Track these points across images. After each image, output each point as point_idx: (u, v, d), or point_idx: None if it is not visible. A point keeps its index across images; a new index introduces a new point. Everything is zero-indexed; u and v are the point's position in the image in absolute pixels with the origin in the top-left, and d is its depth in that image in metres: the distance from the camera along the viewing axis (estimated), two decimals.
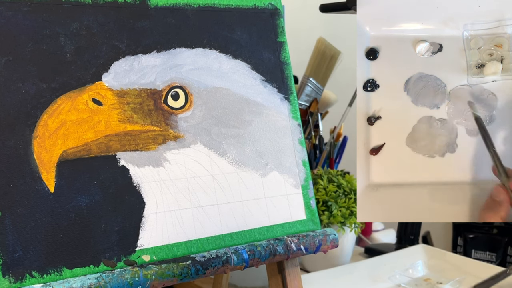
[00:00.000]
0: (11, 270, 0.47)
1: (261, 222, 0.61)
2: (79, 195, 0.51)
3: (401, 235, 1.07)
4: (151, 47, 0.58)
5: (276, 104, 0.65)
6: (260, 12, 0.66)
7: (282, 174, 0.64)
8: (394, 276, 0.83)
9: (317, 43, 1.04)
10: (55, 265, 0.49)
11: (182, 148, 0.58)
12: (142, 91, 0.57)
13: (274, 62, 0.66)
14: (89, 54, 0.55)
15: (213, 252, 0.56)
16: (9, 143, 0.49)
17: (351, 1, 0.87)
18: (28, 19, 0.52)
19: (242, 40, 0.64)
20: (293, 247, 0.60)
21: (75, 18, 0.54)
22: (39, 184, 0.50)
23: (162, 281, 0.52)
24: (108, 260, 0.51)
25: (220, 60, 0.62)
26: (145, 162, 0.55)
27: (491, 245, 1.34)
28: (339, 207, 0.85)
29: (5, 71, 0.50)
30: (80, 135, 0.53)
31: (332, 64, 1.05)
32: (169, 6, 0.60)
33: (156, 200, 0.55)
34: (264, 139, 0.63)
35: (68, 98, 0.53)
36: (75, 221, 0.51)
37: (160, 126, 0.57)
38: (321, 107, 1.08)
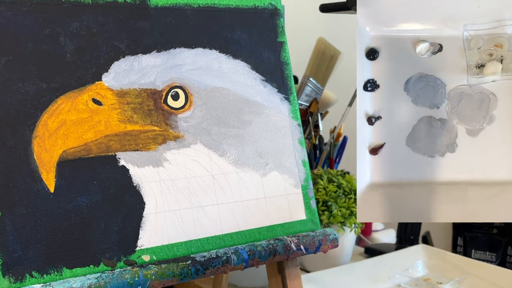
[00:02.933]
0: (11, 270, 0.47)
1: (261, 222, 0.61)
2: (79, 195, 0.51)
3: (401, 235, 1.07)
4: (151, 47, 0.58)
5: (276, 104, 0.65)
6: (260, 12, 0.66)
7: (282, 174, 0.64)
8: (394, 276, 0.83)
9: (317, 43, 1.04)
10: (55, 265, 0.49)
11: (182, 148, 0.58)
12: (142, 91, 0.57)
13: (274, 62, 0.66)
14: (89, 54, 0.55)
15: (213, 252, 0.56)
16: (9, 143, 0.49)
17: (351, 1, 0.87)
18: (28, 19, 0.52)
19: (242, 40, 0.64)
20: (293, 247, 0.60)
21: (75, 18, 0.54)
22: (39, 184, 0.50)
23: (162, 281, 0.52)
24: (108, 260, 0.51)
25: (220, 60, 0.62)
26: (145, 162, 0.55)
27: (491, 245, 1.34)
28: (339, 207, 0.85)
29: (5, 71, 0.50)
30: (80, 135, 0.53)
31: (332, 64, 1.05)
32: (169, 6, 0.60)
33: (156, 200, 0.55)
34: (264, 139, 0.63)
35: (68, 98, 0.53)
36: (75, 221, 0.51)
37: (160, 126, 0.57)
38: (321, 107, 1.08)
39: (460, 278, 0.80)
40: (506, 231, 1.33)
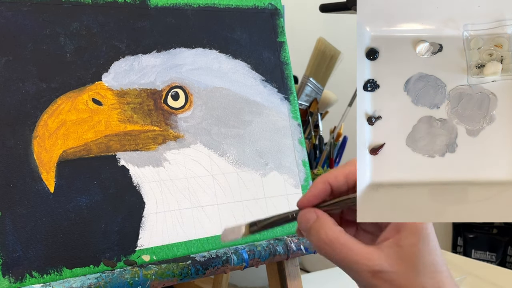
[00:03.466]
0: (11, 270, 0.47)
1: None
2: (79, 195, 0.51)
3: None
4: (151, 47, 0.58)
5: (276, 104, 0.65)
6: (260, 12, 0.66)
7: (282, 174, 0.64)
8: None
9: (317, 43, 1.04)
10: (55, 265, 0.49)
11: (182, 148, 0.58)
12: (142, 91, 0.57)
13: (274, 62, 0.66)
14: (89, 54, 0.55)
15: (213, 252, 0.55)
16: (9, 143, 0.49)
17: (351, 1, 0.87)
18: (28, 19, 0.52)
19: (242, 40, 0.64)
20: (293, 247, 0.60)
21: (75, 18, 0.54)
22: (39, 184, 0.50)
23: (162, 281, 0.52)
24: (108, 260, 0.51)
25: (220, 60, 0.62)
26: (145, 162, 0.55)
27: (491, 245, 1.34)
28: None
29: (5, 71, 0.50)
30: (80, 135, 0.53)
31: (332, 64, 1.05)
32: (169, 6, 0.60)
33: (156, 200, 0.55)
34: (264, 139, 0.63)
35: (68, 98, 0.53)
36: (75, 221, 0.51)
37: (160, 126, 0.57)
38: (321, 107, 1.08)
39: (460, 278, 0.80)
40: (506, 231, 1.33)
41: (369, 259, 0.42)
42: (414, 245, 0.42)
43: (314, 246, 0.44)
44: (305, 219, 0.44)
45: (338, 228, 0.43)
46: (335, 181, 0.45)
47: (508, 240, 1.32)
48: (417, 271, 0.42)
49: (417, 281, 0.41)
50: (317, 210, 0.44)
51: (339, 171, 0.46)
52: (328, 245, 0.42)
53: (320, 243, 0.43)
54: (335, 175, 0.45)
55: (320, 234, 0.43)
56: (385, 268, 0.41)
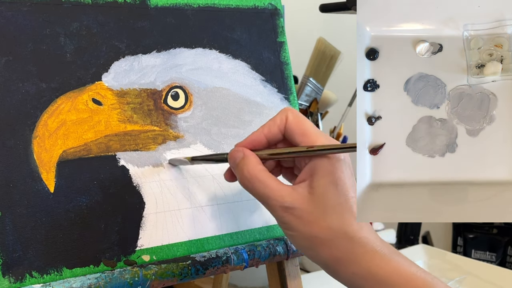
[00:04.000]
0: (11, 270, 0.47)
1: (261, 222, 0.61)
2: (79, 195, 0.51)
3: (401, 235, 1.07)
4: (151, 47, 0.58)
5: (276, 104, 0.65)
6: (260, 12, 0.66)
7: None
8: None
9: (317, 43, 1.04)
10: (55, 265, 0.49)
11: (182, 148, 0.58)
12: (142, 91, 0.57)
13: (274, 62, 0.66)
14: (89, 54, 0.55)
15: (213, 252, 0.55)
16: (9, 143, 0.49)
17: (351, 1, 0.87)
18: (28, 19, 0.52)
19: (242, 40, 0.64)
20: (293, 247, 0.60)
21: (75, 18, 0.54)
22: (39, 184, 0.50)
23: (162, 281, 0.52)
24: (108, 260, 0.51)
25: (220, 60, 0.62)
26: (145, 162, 0.55)
27: (491, 245, 1.34)
28: None
29: (5, 71, 0.50)
30: (80, 135, 0.53)
31: (332, 64, 1.05)
32: (169, 6, 0.60)
33: (156, 200, 0.55)
34: None
35: (68, 98, 0.53)
36: (75, 221, 0.51)
37: (160, 126, 0.57)
38: (321, 107, 1.08)
39: (460, 278, 0.80)
40: (506, 231, 1.33)
41: (282, 196, 0.47)
42: (324, 186, 0.46)
43: (239, 181, 0.49)
44: (233, 157, 0.49)
45: (260, 167, 0.48)
46: (269, 132, 0.50)
47: (508, 240, 1.32)
48: (324, 210, 0.46)
49: (324, 219, 0.46)
50: (244, 150, 0.49)
51: (274, 124, 0.50)
52: (248, 181, 0.48)
53: (243, 179, 0.48)
54: (269, 125, 0.50)
55: (243, 170, 0.48)
56: (295, 205, 0.46)
